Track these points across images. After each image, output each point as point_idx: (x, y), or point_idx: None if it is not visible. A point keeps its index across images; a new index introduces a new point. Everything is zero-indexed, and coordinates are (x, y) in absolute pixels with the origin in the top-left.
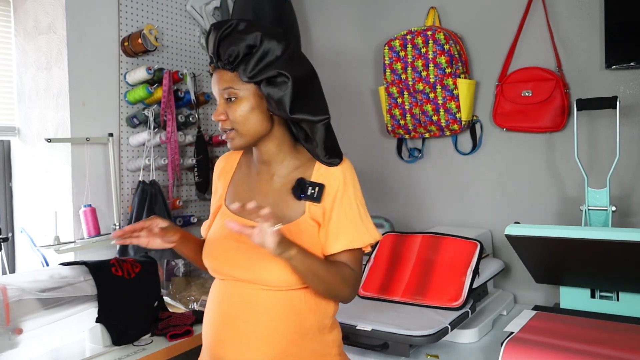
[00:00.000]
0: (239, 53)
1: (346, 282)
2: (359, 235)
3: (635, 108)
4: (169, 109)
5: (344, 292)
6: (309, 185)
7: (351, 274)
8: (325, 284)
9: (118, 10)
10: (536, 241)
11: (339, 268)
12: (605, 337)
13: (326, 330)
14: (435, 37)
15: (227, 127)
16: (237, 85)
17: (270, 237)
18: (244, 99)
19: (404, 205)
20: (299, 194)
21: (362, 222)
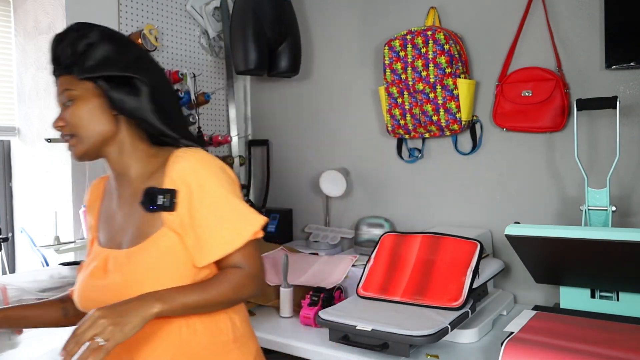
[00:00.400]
0: (75, 52)
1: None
2: (237, 231)
3: (635, 108)
4: None
5: (241, 296)
6: (158, 193)
7: (243, 276)
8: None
9: (118, 10)
10: (536, 241)
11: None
12: (605, 337)
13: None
14: (435, 37)
15: (66, 134)
16: (73, 86)
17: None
18: (81, 100)
19: (404, 205)
20: (149, 205)
21: (236, 215)
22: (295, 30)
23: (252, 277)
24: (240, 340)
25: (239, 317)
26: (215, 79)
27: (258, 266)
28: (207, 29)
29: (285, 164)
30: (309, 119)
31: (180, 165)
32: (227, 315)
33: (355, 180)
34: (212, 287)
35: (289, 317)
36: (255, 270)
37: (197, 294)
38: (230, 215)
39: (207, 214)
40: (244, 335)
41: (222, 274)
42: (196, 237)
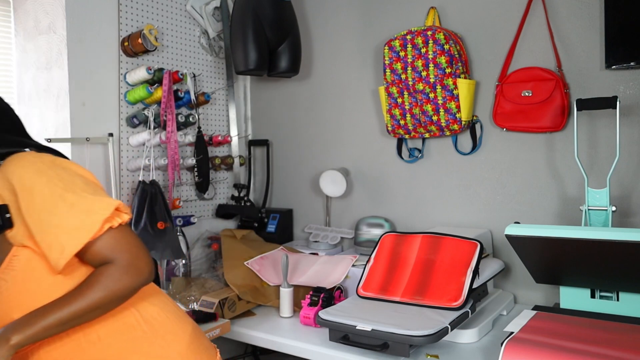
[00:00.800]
0: None
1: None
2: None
3: (635, 108)
4: (169, 109)
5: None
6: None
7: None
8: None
9: (118, 10)
10: (536, 241)
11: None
12: (605, 337)
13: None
14: (435, 37)
15: None
16: None
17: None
18: None
19: (404, 205)
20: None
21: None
22: (295, 30)
23: (124, 269)
24: (163, 330)
25: (153, 307)
26: (215, 79)
27: (130, 254)
28: (207, 29)
29: (285, 164)
30: (309, 119)
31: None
32: (133, 309)
33: (355, 180)
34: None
35: (289, 317)
36: (126, 260)
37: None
38: (68, 209)
39: (43, 216)
40: (166, 324)
41: (89, 276)
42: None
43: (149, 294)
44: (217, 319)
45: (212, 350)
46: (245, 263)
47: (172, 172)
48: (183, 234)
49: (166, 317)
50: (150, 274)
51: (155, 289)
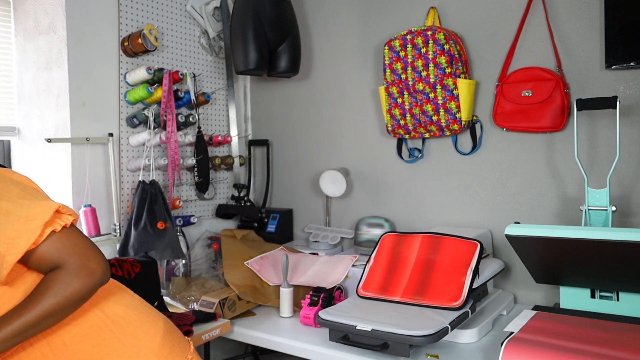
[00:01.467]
0: None
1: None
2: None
3: (635, 108)
4: (169, 109)
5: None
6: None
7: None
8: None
9: (118, 10)
10: (536, 241)
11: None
12: (605, 337)
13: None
14: (435, 37)
15: None
16: None
17: None
18: None
19: (404, 205)
20: None
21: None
22: (295, 30)
23: (75, 272)
24: (132, 327)
25: (118, 306)
26: (215, 79)
27: (79, 256)
28: (207, 29)
29: (285, 164)
30: (309, 119)
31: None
32: (97, 310)
33: (355, 180)
34: (28, 305)
35: (289, 317)
36: (75, 262)
37: (12, 322)
38: (4, 218)
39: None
40: (135, 321)
41: (39, 284)
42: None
43: (112, 292)
44: (217, 319)
45: (185, 344)
46: (245, 263)
47: (172, 172)
48: (183, 234)
49: (134, 315)
50: (104, 273)
51: (118, 287)
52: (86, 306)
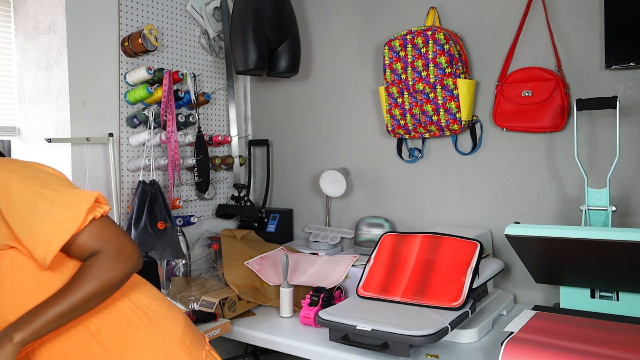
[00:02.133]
0: None
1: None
2: (65, 217)
3: (635, 108)
4: (169, 109)
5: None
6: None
7: (100, 261)
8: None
9: (118, 10)
10: (536, 241)
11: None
12: (605, 337)
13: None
14: (435, 37)
15: None
16: None
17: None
18: None
19: (404, 205)
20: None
21: (56, 203)
22: (295, 30)
23: (114, 257)
24: (157, 317)
25: (144, 296)
26: (215, 79)
27: (117, 243)
28: (207, 29)
29: (285, 164)
30: (309, 119)
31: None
32: (127, 300)
33: (355, 180)
34: (73, 288)
35: (289, 317)
36: (114, 248)
37: (58, 303)
38: (49, 205)
39: (25, 215)
40: (159, 311)
41: (80, 269)
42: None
43: (138, 284)
44: (217, 319)
45: (202, 338)
46: (245, 263)
47: (172, 172)
48: (183, 234)
49: (158, 305)
50: (138, 260)
51: (142, 279)
52: (116, 296)
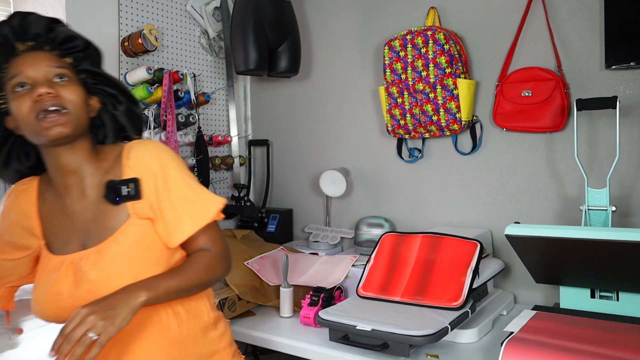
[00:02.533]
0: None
1: (211, 267)
2: (202, 210)
3: (635, 108)
4: (169, 109)
5: (214, 277)
6: (120, 184)
7: (212, 256)
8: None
9: (118, 10)
10: (536, 241)
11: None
12: (605, 337)
13: (209, 328)
14: (435, 37)
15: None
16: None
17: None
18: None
19: (404, 205)
20: (114, 197)
21: (199, 196)
22: (295, 30)
23: (220, 258)
24: (217, 321)
25: (211, 299)
26: (215, 79)
27: (224, 247)
28: (207, 29)
29: (285, 164)
30: (309, 119)
31: (139, 154)
32: (205, 298)
33: (355, 180)
34: (187, 270)
35: (289, 317)
36: (222, 250)
37: (177, 278)
38: (194, 196)
39: (174, 197)
40: (219, 316)
41: (193, 257)
42: (164, 219)
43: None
44: None
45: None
46: (245, 263)
47: None
48: None
49: (217, 311)
50: (231, 266)
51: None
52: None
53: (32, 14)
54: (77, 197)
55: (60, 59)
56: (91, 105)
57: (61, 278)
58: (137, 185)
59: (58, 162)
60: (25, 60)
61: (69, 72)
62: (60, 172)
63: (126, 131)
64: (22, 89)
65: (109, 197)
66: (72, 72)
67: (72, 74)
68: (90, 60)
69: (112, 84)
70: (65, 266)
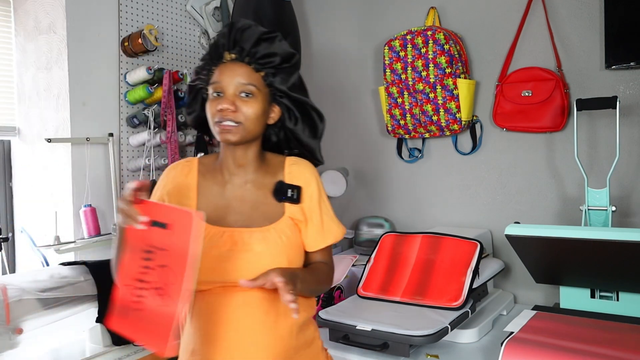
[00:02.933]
0: (276, 60)
1: (328, 278)
2: (333, 232)
3: (635, 108)
4: (169, 109)
5: (327, 287)
6: (288, 187)
7: (327, 271)
8: (314, 291)
9: (118, 10)
10: (536, 241)
11: (318, 269)
12: (605, 337)
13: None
14: (435, 37)
15: (233, 120)
16: (259, 85)
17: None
18: (259, 100)
19: (404, 205)
20: (281, 196)
21: (333, 220)
22: (295, 30)
23: (332, 272)
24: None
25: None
26: None
27: (333, 263)
28: (207, 29)
29: None
30: None
31: (302, 169)
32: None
33: (355, 180)
34: (318, 275)
35: None
36: (332, 266)
37: (312, 278)
38: (332, 217)
39: (319, 212)
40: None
41: (318, 266)
42: (312, 227)
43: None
44: None
45: None
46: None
47: None
48: None
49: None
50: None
51: None
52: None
53: (250, 27)
54: (240, 185)
55: (254, 72)
56: (273, 112)
57: (220, 244)
58: (299, 192)
59: (231, 155)
60: (225, 70)
61: (255, 89)
62: (231, 162)
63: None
64: (217, 95)
65: (276, 194)
66: (259, 88)
67: (259, 89)
68: (281, 75)
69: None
70: (226, 236)
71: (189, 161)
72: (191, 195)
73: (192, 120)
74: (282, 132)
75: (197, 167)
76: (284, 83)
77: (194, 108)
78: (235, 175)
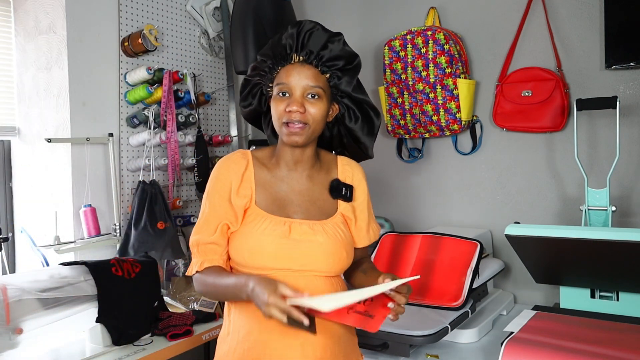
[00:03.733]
0: (340, 63)
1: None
2: (376, 231)
3: (635, 108)
4: (169, 109)
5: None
6: (342, 186)
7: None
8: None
9: (118, 10)
10: (536, 241)
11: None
12: (605, 337)
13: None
14: (435, 37)
15: (301, 121)
16: (324, 87)
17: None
18: (325, 102)
19: (404, 205)
20: (336, 193)
21: (374, 219)
22: None
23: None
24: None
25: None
26: (215, 79)
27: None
28: (207, 29)
29: None
30: None
31: (355, 170)
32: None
33: None
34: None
35: None
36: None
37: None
38: (373, 215)
39: (366, 212)
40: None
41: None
42: (357, 225)
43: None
44: (217, 318)
45: None
46: None
47: (172, 172)
48: (183, 234)
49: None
50: None
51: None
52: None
53: (317, 28)
54: (297, 179)
55: (320, 74)
56: (332, 110)
57: (284, 233)
58: (352, 191)
59: (290, 151)
60: (292, 71)
61: (321, 91)
62: (290, 159)
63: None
64: (282, 95)
65: (332, 192)
66: (324, 89)
67: (324, 90)
68: (346, 78)
69: (354, 99)
70: (287, 225)
71: (244, 154)
72: (248, 187)
73: (248, 114)
74: (336, 129)
75: (252, 161)
76: (349, 85)
77: (250, 102)
78: (294, 171)
